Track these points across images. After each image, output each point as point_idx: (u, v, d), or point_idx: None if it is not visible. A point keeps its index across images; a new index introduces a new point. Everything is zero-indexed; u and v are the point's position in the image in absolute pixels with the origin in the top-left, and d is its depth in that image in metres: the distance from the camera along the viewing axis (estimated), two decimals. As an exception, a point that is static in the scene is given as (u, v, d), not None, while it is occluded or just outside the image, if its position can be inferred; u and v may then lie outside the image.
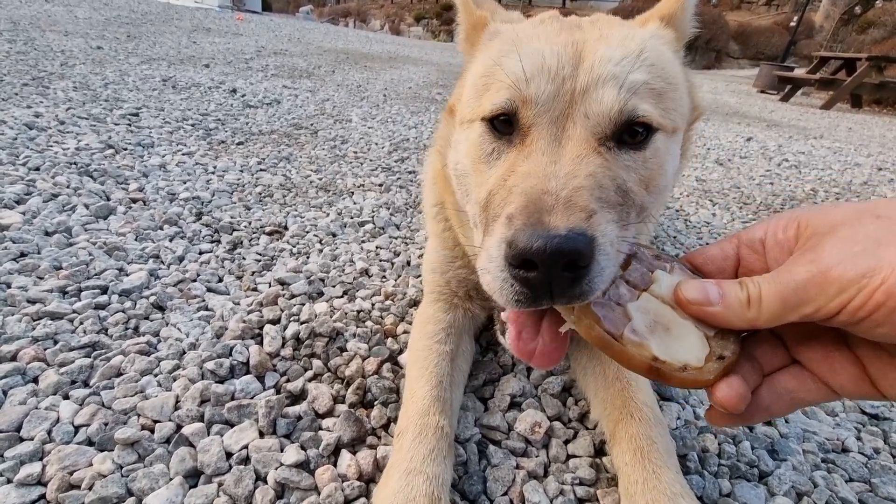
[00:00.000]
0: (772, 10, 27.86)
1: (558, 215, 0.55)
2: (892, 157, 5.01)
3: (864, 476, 1.01)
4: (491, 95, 0.73)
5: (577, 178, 0.61)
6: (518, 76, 0.69)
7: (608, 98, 0.67)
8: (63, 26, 6.23)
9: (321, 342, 1.17)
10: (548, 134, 0.67)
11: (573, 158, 0.64)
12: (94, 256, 1.38)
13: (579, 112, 0.67)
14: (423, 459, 0.77)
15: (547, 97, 0.67)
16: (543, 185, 0.60)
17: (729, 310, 0.51)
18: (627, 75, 0.68)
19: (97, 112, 2.76)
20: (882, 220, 0.44)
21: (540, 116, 0.68)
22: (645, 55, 0.72)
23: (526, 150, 0.68)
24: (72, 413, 0.89)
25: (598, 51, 0.70)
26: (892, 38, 15.82)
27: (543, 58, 0.69)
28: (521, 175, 0.64)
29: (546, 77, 0.68)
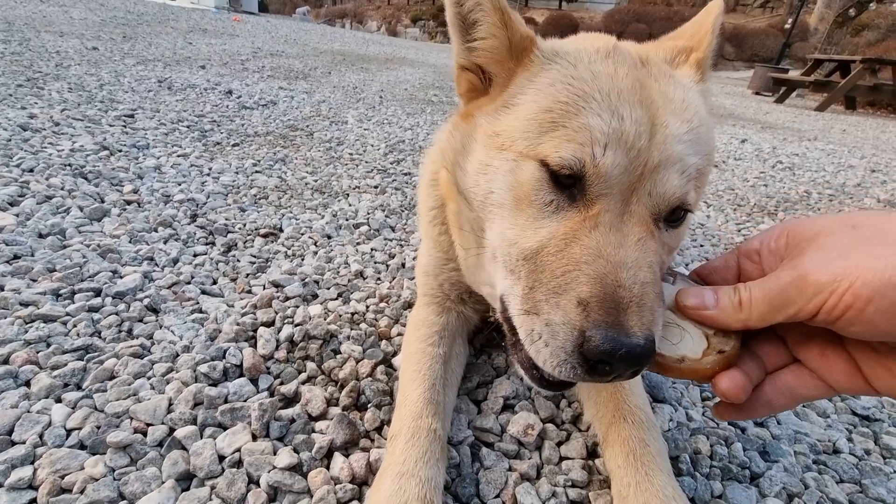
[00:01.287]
0: (766, 12, 28.04)
1: (634, 318, 0.57)
2: (885, 159, 5.05)
3: (855, 477, 1.01)
4: (558, 143, 0.67)
5: (642, 269, 0.62)
6: (596, 138, 0.65)
7: (673, 183, 0.67)
8: (58, 27, 6.21)
9: (315, 345, 1.17)
10: (615, 207, 0.66)
11: (636, 242, 0.64)
12: (87, 259, 1.38)
13: (645, 189, 0.66)
14: (416, 462, 0.77)
15: (621, 172, 0.65)
16: (616, 275, 0.60)
17: (723, 312, 0.57)
18: (688, 159, 0.68)
19: (92, 113, 2.75)
20: (857, 229, 0.49)
21: (610, 189, 0.66)
22: (698, 130, 0.71)
23: (591, 221, 0.65)
24: (64, 416, 0.89)
25: (669, 124, 0.68)
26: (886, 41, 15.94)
27: (622, 122, 0.65)
28: (590, 253, 0.62)
29: (623, 148, 0.65)
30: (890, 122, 9.76)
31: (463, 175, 0.83)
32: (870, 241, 0.47)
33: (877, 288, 0.44)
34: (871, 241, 0.47)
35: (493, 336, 1.28)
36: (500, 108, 0.77)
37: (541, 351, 0.62)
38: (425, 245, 1.20)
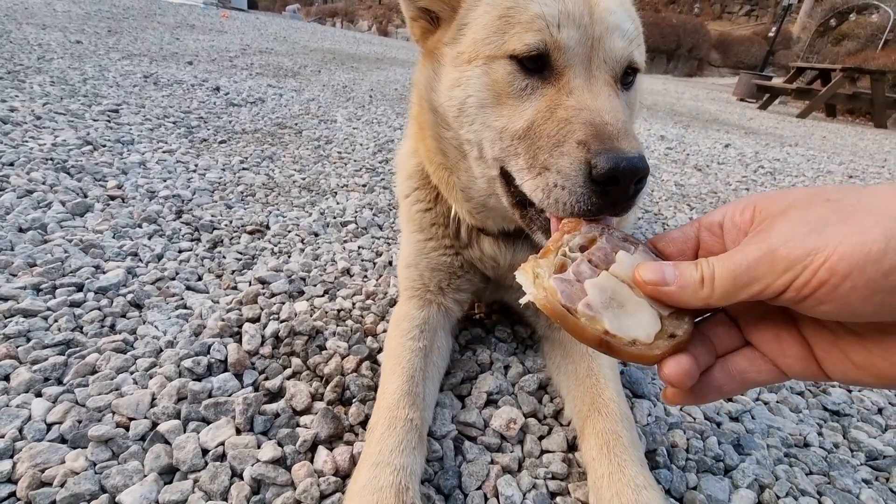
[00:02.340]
0: (751, 20, 28.60)
1: (625, 142, 0.68)
2: (862, 165, 5.19)
3: (824, 469, 1.05)
4: (519, 36, 0.79)
5: (619, 111, 0.74)
6: (548, 20, 0.77)
7: (619, 46, 0.80)
8: (41, 19, 6.09)
9: (301, 340, 1.18)
10: (581, 74, 0.79)
11: (608, 97, 0.76)
12: (69, 254, 1.36)
13: (599, 58, 0.79)
14: (392, 451, 0.78)
15: (576, 43, 0.78)
16: (601, 117, 0.72)
17: (683, 289, 0.52)
18: (624, 25, 0.82)
19: (75, 108, 2.71)
20: (831, 202, 0.46)
21: (572, 60, 0.78)
22: (623, 2, 0.86)
23: (566, 88, 0.77)
24: (44, 411, 0.88)
25: (600, 1, 0.81)
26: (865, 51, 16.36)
27: (565, 4, 0.78)
28: (573, 109, 0.74)
29: (573, 24, 0.77)
30: (868, 129, 10.03)
31: (437, 97, 0.94)
32: (847, 213, 0.44)
33: (855, 263, 0.40)
34: (848, 213, 0.44)
35: (479, 332, 1.30)
36: (456, 33, 0.89)
37: (559, 198, 0.72)
38: (405, 233, 1.24)
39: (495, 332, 1.32)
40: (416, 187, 1.19)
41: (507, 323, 1.36)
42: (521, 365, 1.20)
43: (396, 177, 1.29)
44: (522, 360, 1.22)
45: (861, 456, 1.11)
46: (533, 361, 1.22)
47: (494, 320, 1.37)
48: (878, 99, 10.21)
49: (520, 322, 1.35)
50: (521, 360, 1.22)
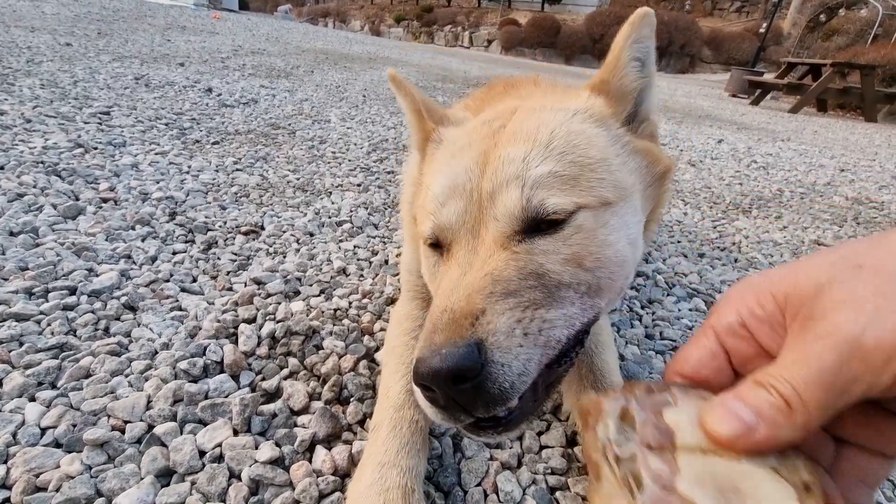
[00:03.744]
0: (742, 16, 28.77)
1: (441, 333, 0.56)
2: (853, 159, 5.23)
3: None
4: (424, 222, 0.78)
5: (474, 282, 0.62)
6: (436, 203, 0.74)
7: (512, 199, 0.68)
8: (29, 22, 6.03)
9: (297, 340, 1.17)
10: (465, 245, 0.70)
11: (482, 261, 0.65)
12: (62, 257, 1.35)
13: (489, 216, 0.69)
14: (398, 452, 0.78)
15: (458, 216, 0.71)
16: (446, 301, 0.60)
17: (776, 427, 0.41)
18: (529, 172, 0.69)
19: (66, 110, 2.68)
20: (865, 269, 0.41)
21: (456, 233, 0.71)
22: (554, 144, 0.72)
23: (448, 265, 0.71)
24: (38, 415, 0.87)
25: (502, 153, 0.71)
26: (855, 46, 16.51)
27: (456, 176, 0.73)
28: (437, 293, 0.67)
29: (458, 196, 0.72)
30: (858, 123, 10.12)
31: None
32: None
33: None
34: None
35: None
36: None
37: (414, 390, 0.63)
38: (408, 246, 1.22)
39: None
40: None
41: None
42: (518, 361, 1.20)
43: (402, 186, 1.28)
44: (520, 357, 1.22)
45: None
46: (531, 358, 1.21)
47: (492, 317, 1.37)
48: (868, 93, 10.31)
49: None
50: (518, 357, 1.22)
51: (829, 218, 2.97)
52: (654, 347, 1.39)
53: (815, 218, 2.94)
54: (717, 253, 2.20)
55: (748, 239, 2.42)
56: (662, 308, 1.63)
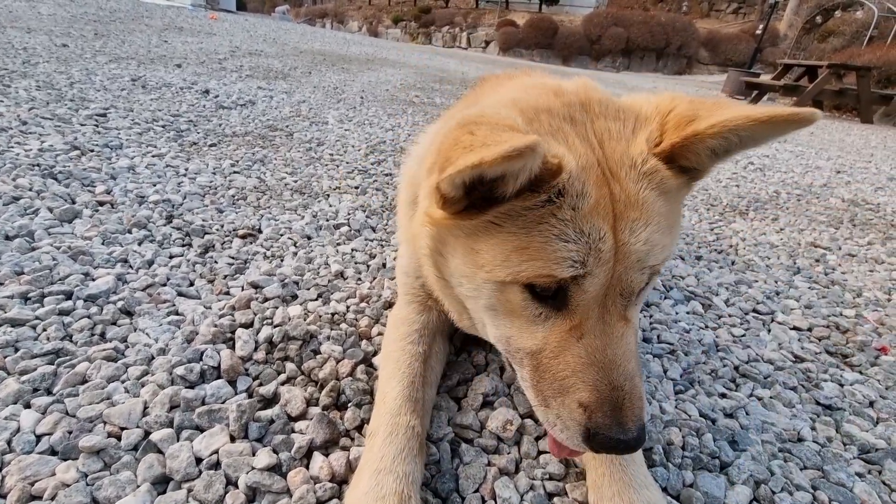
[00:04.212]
0: (739, 17, 28.88)
1: (628, 413, 0.68)
2: (849, 161, 5.26)
3: (818, 463, 1.06)
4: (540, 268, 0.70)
5: (629, 362, 0.72)
6: (577, 266, 0.69)
7: (637, 279, 0.74)
8: (26, 23, 6.01)
9: (295, 345, 1.17)
10: (595, 314, 0.73)
11: (619, 338, 0.73)
12: (58, 261, 1.34)
13: (615, 292, 0.73)
14: (394, 459, 0.78)
15: (597, 287, 0.71)
16: (609, 378, 0.70)
17: None
18: (655, 255, 0.74)
19: (62, 112, 2.67)
20: None
21: (588, 301, 0.73)
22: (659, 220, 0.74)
23: (578, 328, 0.73)
24: (34, 422, 0.87)
25: (630, 238, 0.71)
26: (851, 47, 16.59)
27: (599, 249, 0.69)
28: (582, 362, 0.71)
29: (600, 272, 0.70)
30: (854, 125, 10.16)
31: (444, 264, 0.84)
32: None
33: None
34: None
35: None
36: (478, 226, 0.75)
37: (557, 434, 0.74)
38: (406, 248, 1.21)
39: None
40: None
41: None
42: (516, 365, 1.20)
43: (399, 190, 1.24)
44: (518, 361, 1.22)
45: (854, 449, 1.12)
46: (528, 362, 1.21)
47: (489, 321, 1.37)
48: (864, 95, 10.35)
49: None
50: (516, 361, 1.22)
51: (825, 220, 2.98)
52: (652, 351, 1.39)
53: (812, 220, 2.95)
54: (715, 255, 2.21)
55: (745, 241, 2.43)
56: (660, 311, 1.63)
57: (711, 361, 1.39)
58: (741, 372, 1.37)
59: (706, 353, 1.43)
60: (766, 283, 1.98)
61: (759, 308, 1.75)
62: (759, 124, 0.68)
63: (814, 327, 1.67)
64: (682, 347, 1.43)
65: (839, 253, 2.44)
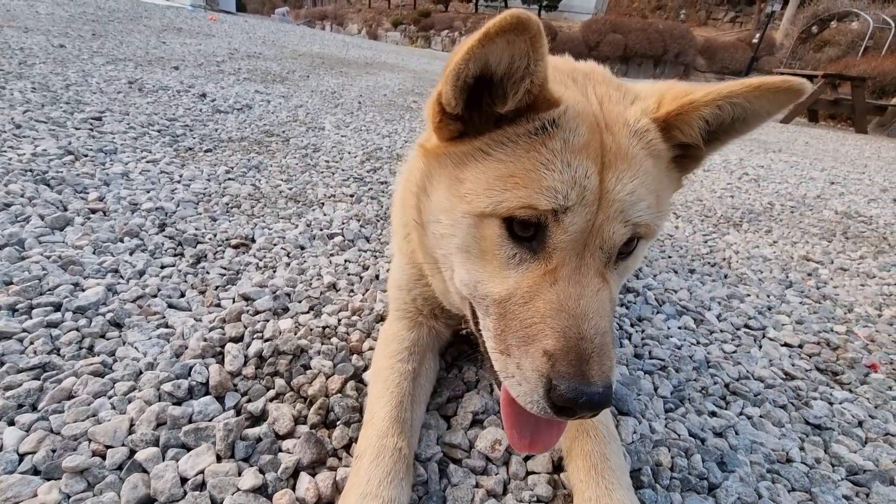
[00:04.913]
0: (736, 26, 29.11)
1: (595, 367, 0.64)
2: (843, 172, 5.30)
3: (806, 485, 1.06)
4: (521, 197, 0.70)
5: (602, 318, 0.69)
6: (559, 197, 0.69)
7: (619, 233, 0.72)
8: (23, 22, 5.98)
9: (285, 360, 1.16)
10: (572, 261, 0.72)
11: (595, 293, 0.71)
12: (47, 271, 1.33)
13: (595, 244, 0.72)
14: (380, 483, 0.78)
15: (578, 230, 0.70)
16: (578, 327, 0.67)
17: None
18: (638, 207, 0.73)
19: (57, 115, 2.66)
20: None
21: (567, 244, 0.71)
22: (646, 177, 0.74)
23: (551, 275, 0.71)
24: (17, 440, 0.86)
25: (616, 185, 0.71)
26: (846, 57, 16.73)
27: (581, 182, 0.69)
28: (553, 308, 0.69)
29: (582, 209, 0.69)
30: (849, 134, 10.25)
31: (427, 203, 0.84)
32: None
33: None
34: None
35: (465, 349, 1.30)
36: (468, 153, 0.76)
37: (514, 387, 0.70)
38: (398, 260, 1.20)
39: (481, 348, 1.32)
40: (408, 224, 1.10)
41: (494, 339, 1.36)
42: (507, 382, 1.19)
43: (393, 201, 1.24)
44: (509, 378, 1.22)
45: (842, 471, 1.13)
46: (519, 379, 1.21)
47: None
48: (858, 105, 10.45)
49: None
50: (507, 378, 1.21)
51: (818, 232, 3.00)
52: (643, 367, 1.39)
53: (805, 232, 2.96)
54: (708, 269, 2.21)
55: (738, 254, 2.44)
56: (652, 326, 1.63)
57: (702, 378, 1.39)
58: (732, 389, 1.37)
59: (697, 369, 1.43)
60: (758, 297, 1.99)
61: (750, 323, 1.76)
62: (752, 90, 0.71)
63: (804, 344, 1.68)
64: (674, 364, 1.43)
65: (831, 267, 2.45)
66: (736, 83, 0.73)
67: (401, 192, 1.17)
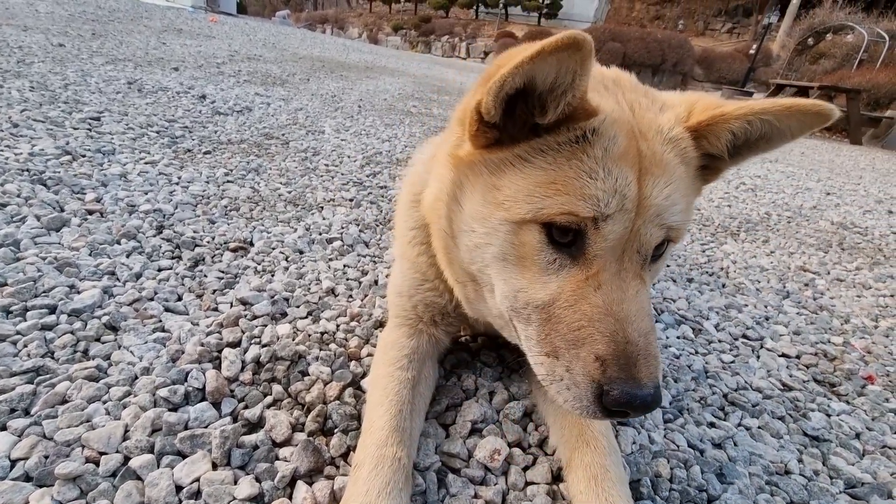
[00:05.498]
0: (733, 37, 29.41)
1: (643, 370, 0.67)
2: (839, 183, 5.34)
3: (804, 498, 1.06)
4: (563, 203, 0.71)
5: (644, 320, 0.71)
6: (600, 205, 0.70)
7: (656, 236, 0.75)
8: (22, 20, 5.97)
9: (282, 366, 1.15)
10: (612, 266, 0.74)
11: (635, 295, 0.73)
12: (43, 272, 1.32)
13: (633, 248, 0.75)
14: (378, 493, 0.77)
15: (617, 237, 0.72)
16: (624, 331, 0.69)
17: None
18: (674, 211, 0.75)
19: (55, 115, 2.64)
20: None
21: (607, 249, 0.73)
22: (679, 182, 0.77)
23: (595, 278, 0.73)
24: (9, 445, 0.84)
25: (653, 191, 0.74)
26: (841, 70, 16.92)
27: (622, 190, 0.71)
28: (599, 312, 0.71)
29: (621, 216, 0.72)
30: (844, 146, 10.34)
31: (458, 213, 0.84)
32: None
33: None
34: None
35: (464, 357, 1.29)
36: (506, 160, 0.77)
37: (562, 392, 0.72)
38: (401, 265, 1.19)
39: (481, 356, 1.31)
40: (419, 241, 1.11)
41: (493, 347, 1.35)
42: (506, 391, 1.19)
43: (397, 205, 1.23)
44: (508, 386, 1.21)
45: (840, 483, 1.13)
46: (518, 387, 1.21)
47: (480, 343, 1.36)
48: (853, 116, 10.56)
49: (506, 347, 1.34)
50: (506, 386, 1.21)
51: (814, 243, 3.02)
52: (642, 377, 1.38)
53: (802, 243, 2.98)
54: (706, 278, 2.22)
55: (736, 264, 2.45)
56: (650, 335, 1.63)
57: (701, 389, 1.39)
58: (730, 400, 1.37)
59: (696, 379, 1.43)
60: (755, 307, 1.99)
61: (748, 333, 1.76)
62: (783, 110, 0.73)
63: (802, 354, 1.68)
64: (672, 374, 1.43)
65: (828, 278, 2.46)
66: (767, 101, 0.75)
67: (405, 196, 1.17)
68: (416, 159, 1.22)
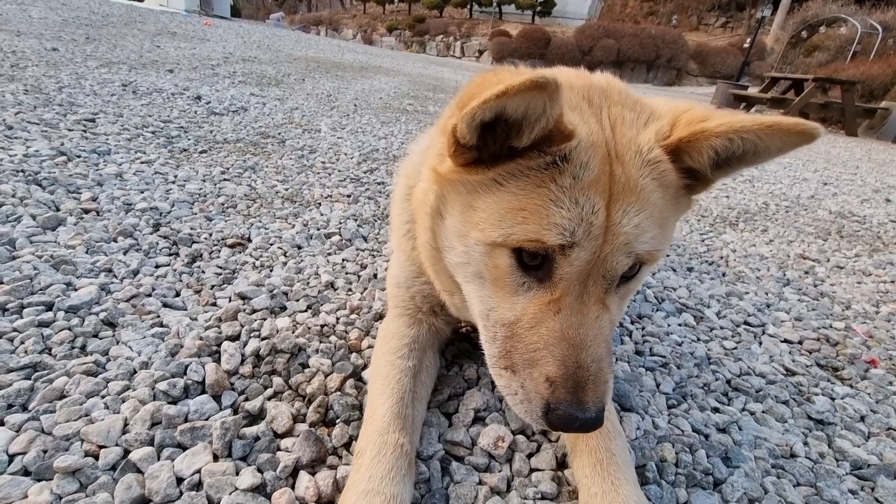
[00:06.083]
0: (727, 31, 29.48)
1: (589, 394, 0.70)
2: (835, 173, 5.34)
3: (811, 480, 1.05)
4: (530, 232, 0.71)
5: (599, 345, 0.74)
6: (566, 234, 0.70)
7: (622, 264, 0.75)
8: (15, 25, 5.94)
9: (282, 359, 1.14)
10: (575, 291, 0.75)
11: (594, 319, 0.75)
12: (39, 270, 1.30)
13: (597, 273, 0.75)
14: (382, 479, 0.76)
15: (583, 263, 0.73)
16: (577, 356, 0.72)
17: None
18: (642, 239, 0.74)
19: (49, 117, 2.63)
20: None
21: (572, 275, 0.74)
22: (653, 209, 0.75)
23: (555, 304, 0.75)
24: (7, 440, 0.83)
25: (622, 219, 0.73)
26: (835, 62, 16.96)
27: (588, 218, 0.71)
28: (555, 336, 0.73)
29: (588, 244, 0.71)
30: (839, 137, 10.36)
31: (441, 225, 0.85)
32: None
33: None
34: None
35: (466, 347, 1.28)
36: (482, 182, 0.77)
37: (516, 404, 0.76)
38: (398, 257, 1.19)
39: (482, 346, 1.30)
40: (414, 234, 1.08)
41: (495, 336, 1.34)
42: (508, 380, 1.18)
43: (393, 199, 1.23)
44: (510, 375, 1.20)
45: (846, 465, 1.12)
46: (521, 376, 1.20)
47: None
48: (848, 108, 10.58)
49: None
50: (508, 375, 1.20)
51: (813, 231, 3.02)
52: (645, 364, 1.38)
53: (800, 231, 2.98)
54: (706, 267, 2.21)
55: (735, 253, 2.45)
56: (652, 323, 1.63)
57: (704, 375, 1.38)
58: (733, 385, 1.36)
59: (698, 366, 1.42)
60: (756, 294, 1.99)
61: (750, 320, 1.76)
62: (764, 129, 0.70)
63: (804, 340, 1.68)
64: (675, 360, 1.42)
65: (827, 265, 2.46)
66: (749, 119, 0.72)
67: (400, 189, 1.16)
68: (412, 150, 1.21)
